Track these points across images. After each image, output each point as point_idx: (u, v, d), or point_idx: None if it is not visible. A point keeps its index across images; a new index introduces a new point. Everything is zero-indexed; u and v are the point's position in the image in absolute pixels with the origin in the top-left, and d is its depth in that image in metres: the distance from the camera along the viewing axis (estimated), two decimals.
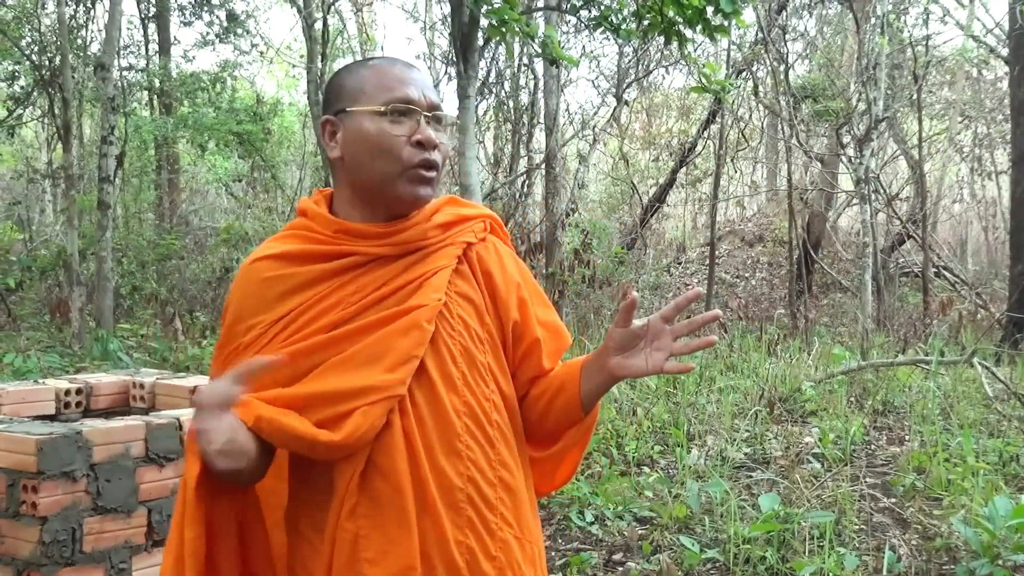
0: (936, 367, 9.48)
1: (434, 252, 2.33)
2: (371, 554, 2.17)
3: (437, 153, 2.27)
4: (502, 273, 2.42)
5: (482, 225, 2.46)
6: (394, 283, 2.27)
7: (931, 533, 5.84)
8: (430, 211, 2.37)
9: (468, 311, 2.33)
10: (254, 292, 2.28)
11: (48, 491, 3.70)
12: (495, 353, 2.36)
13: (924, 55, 18.23)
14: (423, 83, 2.30)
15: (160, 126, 18.33)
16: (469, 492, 2.22)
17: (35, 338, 12.20)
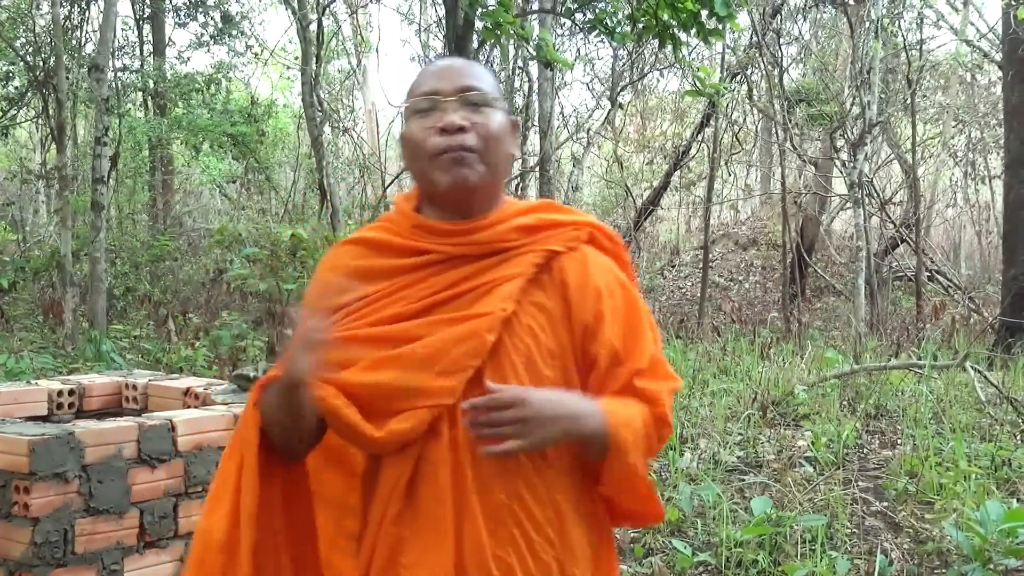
0: (929, 371, 9.50)
1: (512, 258, 2.28)
2: (409, 560, 2.19)
3: (468, 135, 2.22)
4: (582, 283, 2.29)
5: (576, 234, 2.35)
6: (463, 286, 2.25)
7: (923, 537, 5.85)
8: (514, 212, 2.33)
9: (540, 322, 2.26)
10: (335, 276, 2.34)
11: (40, 492, 3.70)
12: (564, 368, 2.27)
13: (918, 59, 18.27)
14: (457, 71, 2.29)
15: (154, 127, 18.31)
16: (514, 509, 2.20)
17: (28, 339, 12.18)
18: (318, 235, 11.88)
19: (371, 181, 21.64)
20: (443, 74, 2.30)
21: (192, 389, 4.85)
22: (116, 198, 19.04)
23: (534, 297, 2.27)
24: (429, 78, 2.30)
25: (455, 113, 2.23)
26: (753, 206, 26.89)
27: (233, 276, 13.44)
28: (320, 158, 14.62)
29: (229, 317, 12.09)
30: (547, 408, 2.15)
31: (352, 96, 26.25)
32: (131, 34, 20.98)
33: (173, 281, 16.27)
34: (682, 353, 11.53)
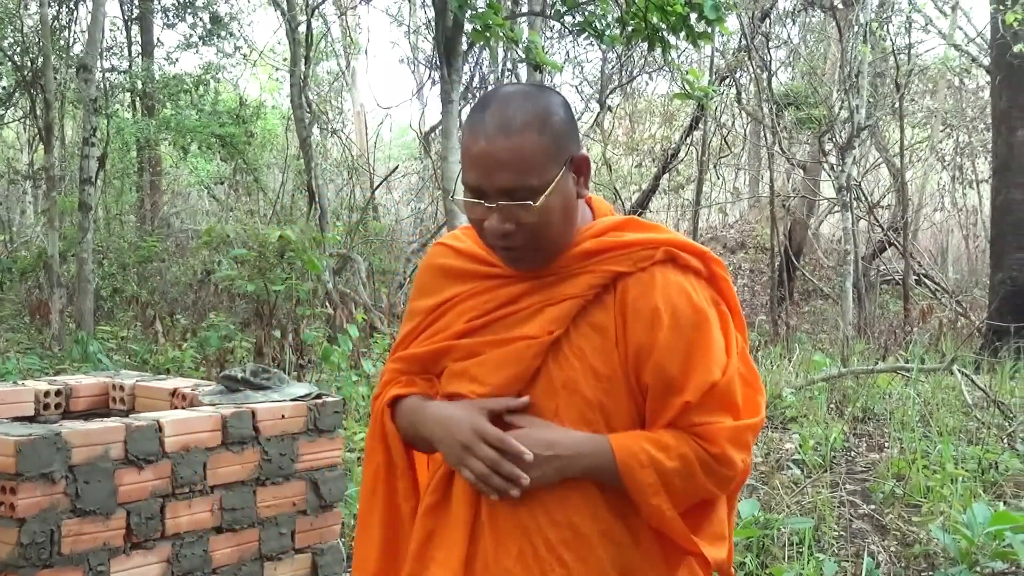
0: (916, 374, 9.51)
1: (572, 278, 2.25)
2: (437, 554, 2.29)
3: (516, 234, 2.17)
4: (642, 303, 2.22)
5: (648, 253, 2.25)
6: (520, 303, 2.28)
7: (910, 540, 5.86)
8: (588, 235, 2.29)
9: (593, 342, 2.22)
10: (428, 274, 2.48)
11: (26, 493, 3.68)
12: (614, 392, 2.22)
13: (906, 64, 18.33)
14: (498, 162, 2.14)
15: (142, 128, 18.28)
16: (526, 524, 2.21)
17: (14, 340, 12.15)
18: (306, 237, 11.86)
19: (359, 183, 21.63)
20: (485, 164, 2.15)
21: (179, 390, 4.83)
22: (104, 199, 19.01)
23: (592, 317, 2.24)
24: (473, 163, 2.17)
25: (497, 218, 2.17)
26: (741, 209, 26.92)
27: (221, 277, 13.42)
28: (309, 160, 14.61)
29: (217, 318, 12.08)
30: (539, 448, 2.17)
31: (341, 98, 26.23)
32: (119, 35, 20.96)
33: (161, 282, 16.25)
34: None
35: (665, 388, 2.20)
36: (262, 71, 26.75)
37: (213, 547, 4.24)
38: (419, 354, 2.39)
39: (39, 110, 15.60)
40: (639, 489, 2.18)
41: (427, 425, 2.28)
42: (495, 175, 2.14)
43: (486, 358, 2.26)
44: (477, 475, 2.16)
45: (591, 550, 2.23)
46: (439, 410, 2.29)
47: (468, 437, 2.16)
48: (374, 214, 18.28)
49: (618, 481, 2.19)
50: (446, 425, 2.23)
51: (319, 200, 14.30)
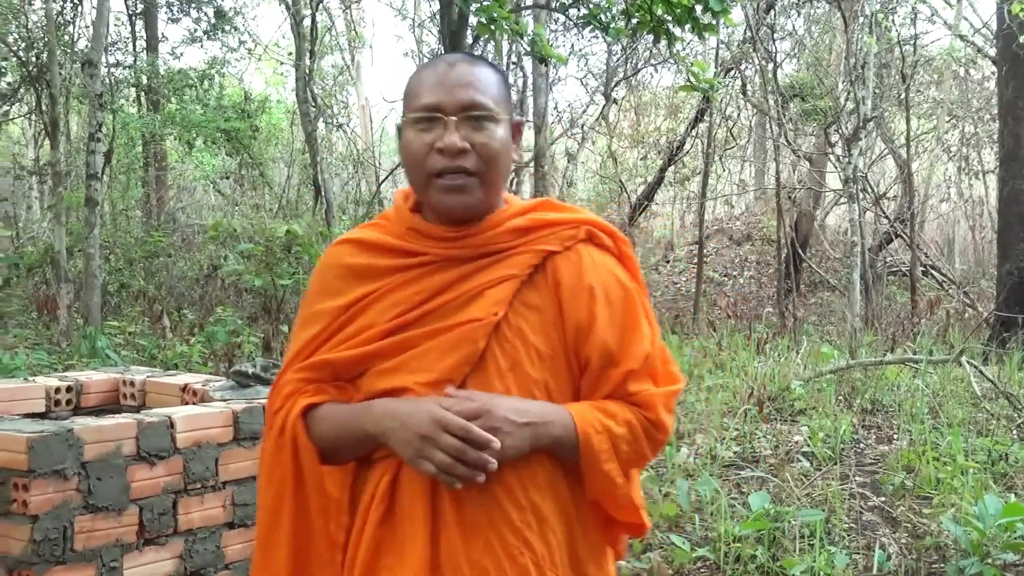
0: (924, 366, 9.50)
1: (505, 259, 2.26)
2: (389, 560, 2.19)
3: (468, 156, 2.19)
4: (575, 281, 2.27)
5: (572, 232, 2.32)
6: (456, 289, 2.24)
7: (921, 531, 5.85)
8: (510, 214, 2.30)
9: (532, 323, 2.24)
10: (330, 274, 2.37)
11: (39, 489, 3.69)
12: (555, 370, 2.25)
13: (912, 54, 18.29)
14: (460, 81, 2.22)
15: (148, 123, 18.29)
16: (490, 512, 2.18)
17: (22, 335, 12.15)
18: (312, 231, 11.89)
19: (365, 176, 21.63)
20: (446, 83, 2.23)
21: (190, 385, 4.84)
22: (110, 194, 19.03)
23: (526, 298, 2.25)
24: (431, 86, 2.24)
25: (456, 133, 2.19)
26: (747, 201, 26.91)
27: (228, 272, 13.45)
28: (314, 154, 14.62)
29: (224, 313, 12.09)
30: (513, 416, 2.14)
31: (346, 91, 26.20)
32: (124, 29, 20.97)
33: (167, 277, 16.25)
34: (678, 349, 11.53)
35: (605, 361, 2.25)
36: (267, 65, 26.76)
37: (226, 542, 4.26)
38: (333, 359, 2.28)
39: (45, 105, 15.61)
40: (594, 455, 2.21)
41: (376, 422, 2.17)
42: (459, 91, 2.20)
43: (428, 347, 2.21)
44: (440, 466, 2.08)
45: (552, 531, 2.23)
46: (389, 405, 2.18)
47: (428, 428, 2.09)
48: (380, 208, 18.26)
49: (574, 450, 2.20)
50: (401, 419, 2.13)
51: (325, 194, 14.31)
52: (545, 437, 2.17)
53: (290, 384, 2.31)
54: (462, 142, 2.18)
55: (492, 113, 2.22)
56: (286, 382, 2.32)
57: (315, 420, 2.26)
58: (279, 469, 2.30)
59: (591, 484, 2.26)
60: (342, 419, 2.24)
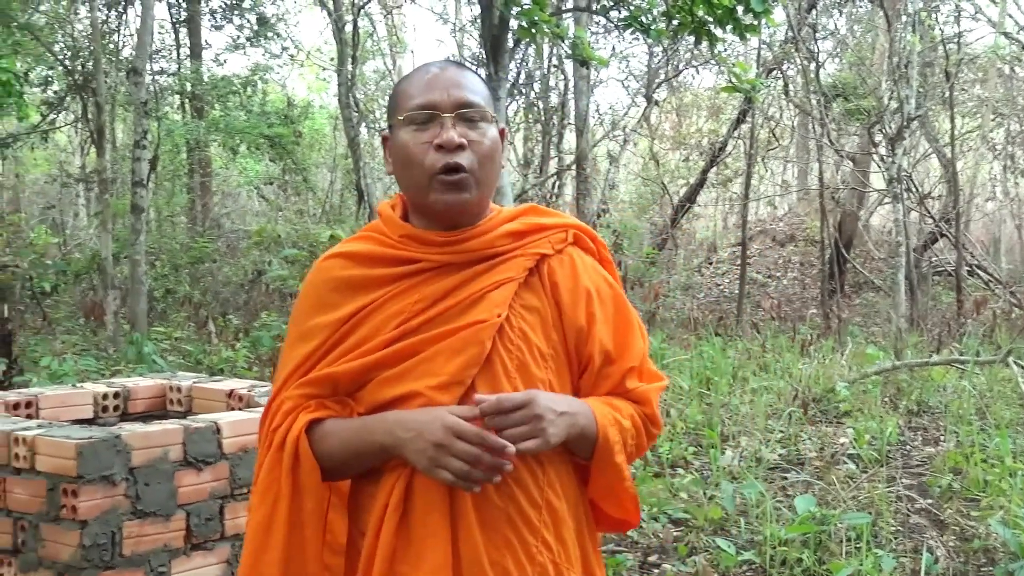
0: (971, 367, 9.43)
1: (502, 263, 2.29)
2: (406, 568, 2.18)
3: (465, 154, 2.22)
4: (572, 283, 2.32)
5: (562, 236, 2.37)
6: (456, 295, 2.25)
7: (969, 534, 5.81)
8: (501, 219, 2.33)
9: (532, 324, 2.27)
10: (322, 289, 2.34)
11: (88, 495, 3.73)
12: (558, 370, 2.28)
13: (956, 53, 18.13)
14: (452, 82, 2.26)
15: (192, 130, 18.41)
16: (509, 512, 2.19)
17: (70, 341, 12.27)
18: None
19: None
20: (439, 84, 2.27)
21: (236, 391, 4.87)
22: (155, 201, 19.16)
23: (525, 300, 2.28)
24: (422, 87, 2.28)
25: (453, 130, 2.22)
26: (790, 202, 26.77)
27: (272, 277, 13.52)
28: (357, 159, 14.66)
29: (268, 318, 12.15)
30: (553, 405, 2.15)
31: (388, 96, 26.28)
32: (168, 37, 21.11)
33: (212, 283, 16.36)
34: (721, 351, 11.49)
35: (605, 360, 2.31)
36: (309, 71, 26.86)
37: None
38: (336, 373, 2.26)
39: (91, 114, 15.74)
40: (609, 448, 2.24)
41: (389, 433, 2.15)
42: (452, 91, 2.25)
43: (435, 351, 2.21)
44: (457, 473, 2.08)
45: (567, 528, 2.26)
46: (401, 416, 2.18)
47: (442, 436, 2.08)
48: None
49: (591, 443, 2.23)
50: (416, 429, 2.12)
51: (368, 199, 14.35)
52: (575, 427, 2.19)
53: (290, 400, 2.27)
54: (460, 138, 2.21)
55: (485, 112, 2.27)
56: (285, 398, 2.28)
57: (319, 436, 2.24)
58: (274, 487, 2.26)
59: (599, 478, 2.30)
60: (350, 433, 2.22)
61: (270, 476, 2.26)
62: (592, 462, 2.26)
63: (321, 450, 2.22)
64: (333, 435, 2.23)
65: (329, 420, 2.25)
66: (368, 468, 2.24)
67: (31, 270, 13.77)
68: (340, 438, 2.22)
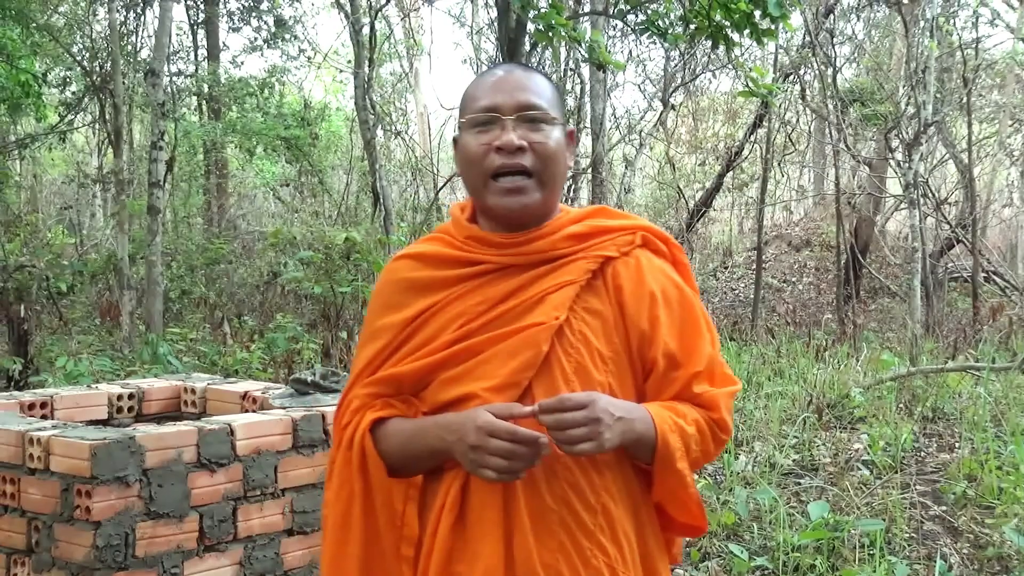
0: (987, 373, 9.40)
1: (564, 265, 2.30)
2: (461, 568, 2.22)
3: (526, 155, 2.24)
4: (637, 286, 2.31)
5: (629, 238, 2.37)
6: (517, 297, 2.28)
7: (983, 542, 5.79)
8: (566, 221, 2.35)
9: (594, 327, 2.27)
10: (391, 289, 2.40)
11: (101, 496, 3.74)
12: (619, 373, 2.28)
13: (973, 58, 18.07)
14: (517, 85, 2.29)
15: (209, 131, 18.47)
16: (563, 515, 2.20)
17: (86, 342, 12.32)
18: (371, 238, 11.95)
19: (423, 184, 21.70)
20: (503, 87, 2.30)
21: (250, 393, 4.88)
22: (172, 202, 19.23)
23: (587, 303, 2.29)
24: (488, 90, 2.30)
25: (514, 132, 2.24)
26: (806, 207, 26.71)
27: (287, 279, 13.54)
28: (373, 161, 14.67)
29: (284, 320, 12.16)
30: (611, 409, 2.15)
31: (404, 99, 26.33)
32: (186, 39, 21.19)
33: (228, 284, 16.39)
34: (736, 355, 11.47)
35: (670, 364, 2.30)
36: (326, 73, 26.92)
37: (284, 549, 4.29)
38: (400, 373, 2.31)
39: (108, 114, 15.79)
40: (670, 454, 2.24)
41: (440, 437, 2.20)
42: (516, 93, 2.27)
43: (492, 353, 2.24)
44: (496, 470, 2.11)
45: (624, 534, 2.26)
46: (447, 420, 2.21)
47: (475, 437, 2.11)
48: (438, 215, 18.32)
49: (651, 448, 2.22)
50: (456, 432, 2.16)
51: (384, 201, 14.35)
52: (631, 433, 2.19)
53: (358, 399, 2.34)
54: (520, 140, 2.23)
55: (547, 114, 2.28)
56: (353, 396, 2.36)
57: (383, 435, 2.30)
58: (347, 484, 2.33)
59: (662, 484, 2.29)
60: (407, 435, 2.27)
61: (343, 474, 2.34)
62: (653, 467, 2.26)
63: (384, 449, 2.29)
64: (394, 435, 2.29)
65: (393, 420, 2.31)
66: (432, 467, 2.28)
67: (48, 270, 13.81)
68: (400, 439, 2.28)
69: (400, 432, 2.28)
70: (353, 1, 14.96)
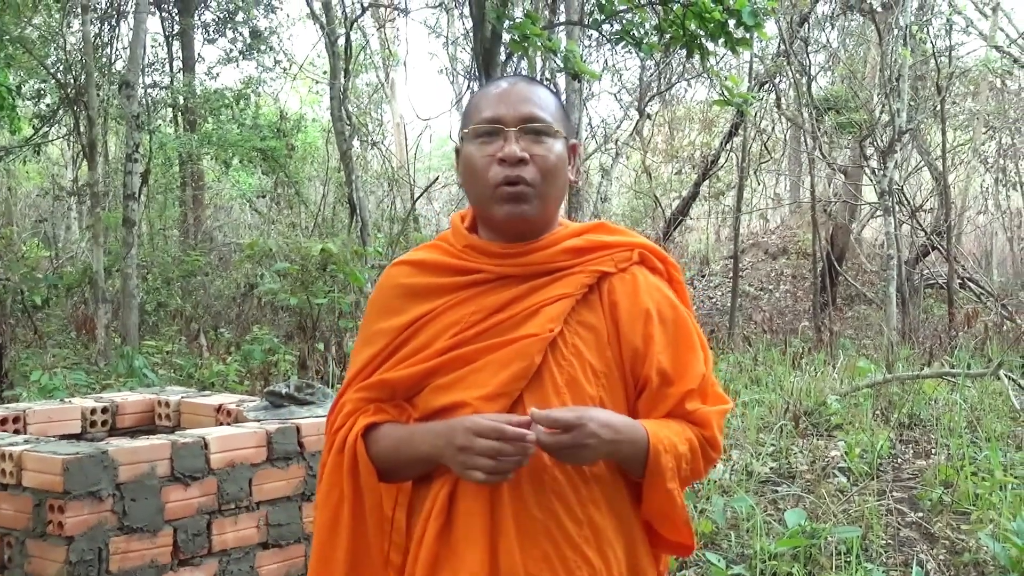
0: (962, 380, 9.43)
1: (561, 278, 2.31)
2: (447, 574, 2.22)
3: (527, 167, 2.26)
4: (632, 303, 2.32)
5: (627, 255, 2.38)
6: (513, 307, 2.28)
7: (959, 548, 5.81)
8: (566, 234, 2.36)
9: (587, 341, 2.28)
10: (388, 295, 2.41)
11: (74, 511, 3.72)
12: (611, 388, 2.28)
13: (947, 66, 18.17)
14: (520, 97, 2.30)
15: (184, 143, 18.41)
16: (549, 526, 2.20)
17: (61, 355, 12.25)
18: (348, 249, 11.91)
19: (400, 194, 21.68)
20: (506, 99, 2.31)
21: (224, 406, 4.87)
22: (147, 214, 19.15)
23: (581, 316, 2.30)
24: (492, 101, 2.31)
25: (516, 144, 2.25)
26: (783, 215, 26.81)
27: (264, 291, 13.49)
28: (349, 172, 14.65)
29: (260, 332, 12.13)
30: (602, 432, 2.14)
31: (380, 109, 26.32)
32: (161, 51, 21.17)
33: (204, 296, 16.33)
34: (713, 364, 11.48)
35: (663, 381, 2.30)
36: (302, 84, 26.91)
37: (260, 563, 4.27)
38: (392, 379, 2.32)
39: (83, 127, 15.72)
40: (660, 474, 2.22)
41: (430, 443, 2.20)
42: (519, 105, 2.28)
43: (485, 362, 2.24)
44: (484, 470, 2.10)
45: (610, 546, 2.25)
46: (436, 426, 2.22)
47: (463, 439, 2.11)
48: (415, 225, 18.32)
49: (641, 465, 2.22)
50: (445, 436, 2.17)
51: (360, 212, 14.34)
52: (620, 453, 2.20)
53: (351, 403, 2.35)
54: (522, 152, 2.24)
55: (550, 127, 2.29)
56: (347, 400, 2.37)
57: (374, 440, 2.30)
58: (337, 487, 2.34)
59: (650, 502, 2.28)
60: (398, 440, 2.28)
61: (332, 477, 2.35)
62: (644, 486, 2.26)
63: (376, 453, 2.29)
64: (385, 440, 2.29)
65: (384, 425, 2.31)
66: (422, 473, 2.28)
67: (23, 283, 13.76)
68: (390, 444, 2.28)
69: (391, 437, 2.28)
70: (328, 12, 14.96)
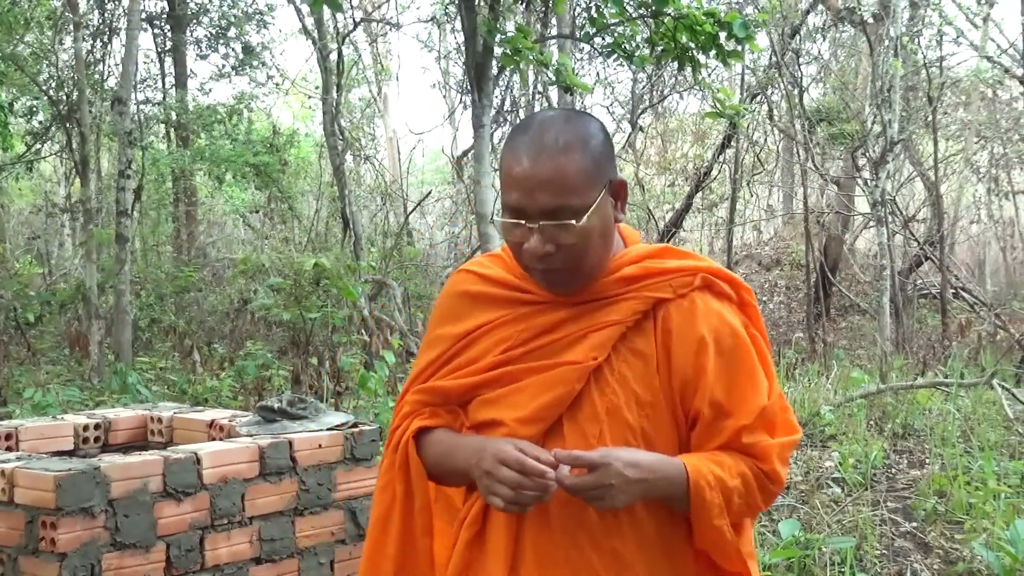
0: (956, 389, 9.43)
1: (613, 303, 2.26)
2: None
3: (555, 258, 2.18)
4: (687, 331, 2.24)
5: (687, 280, 2.29)
6: (561, 330, 2.27)
7: (953, 557, 5.81)
8: (624, 262, 2.31)
9: (635, 368, 2.23)
10: (453, 301, 2.43)
11: (67, 527, 3.71)
12: (656, 418, 2.23)
13: (938, 76, 18.21)
14: (541, 182, 2.14)
15: (177, 159, 18.41)
16: (569, 552, 2.20)
17: (54, 372, 12.24)
18: (341, 264, 11.91)
19: (393, 208, 21.68)
20: (527, 184, 2.16)
21: (217, 421, 4.86)
22: (140, 230, 19.15)
23: (632, 343, 2.25)
24: (515, 184, 2.18)
25: (539, 238, 2.17)
26: (776, 226, 26.82)
27: (257, 306, 13.49)
28: (342, 186, 14.67)
29: (254, 347, 12.12)
30: (628, 472, 2.11)
31: (373, 124, 26.32)
32: (153, 67, 21.17)
33: (198, 312, 16.32)
34: None
35: (716, 413, 2.23)
36: (295, 99, 26.93)
37: None
38: (445, 387, 2.35)
39: (75, 144, 15.73)
40: (706, 511, 2.19)
41: (465, 459, 2.23)
42: (537, 195, 2.15)
43: (526, 384, 2.25)
44: (504, 498, 2.11)
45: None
46: (473, 442, 2.25)
47: (490, 464, 2.13)
48: (408, 239, 18.32)
49: (684, 503, 2.19)
50: (476, 456, 2.18)
51: (353, 227, 14.35)
52: (654, 492, 2.16)
53: (408, 404, 2.41)
54: (546, 247, 2.17)
55: (576, 209, 2.16)
56: (405, 402, 2.43)
57: (427, 444, 2.36)
58: (391, 484, 2.40)
59: (700, 536, 2.25)
60: (445, 448, 2.32)
61: (388, 474, 2.41)
62: (691, 521, 2.23)
63: (427, 456, 2.35)
64: (434, 446, 2.35)
65: (437, 431, 2.36)
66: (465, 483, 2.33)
67: (16, 300, 13.75)
68: (438, 451, 2.34)
69: (441, 444, 2.33)
70: (320, 27, 14.99)
